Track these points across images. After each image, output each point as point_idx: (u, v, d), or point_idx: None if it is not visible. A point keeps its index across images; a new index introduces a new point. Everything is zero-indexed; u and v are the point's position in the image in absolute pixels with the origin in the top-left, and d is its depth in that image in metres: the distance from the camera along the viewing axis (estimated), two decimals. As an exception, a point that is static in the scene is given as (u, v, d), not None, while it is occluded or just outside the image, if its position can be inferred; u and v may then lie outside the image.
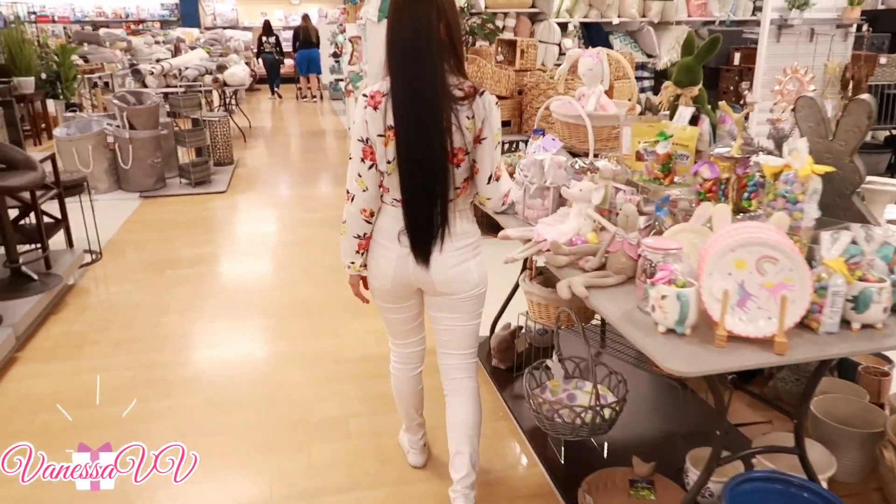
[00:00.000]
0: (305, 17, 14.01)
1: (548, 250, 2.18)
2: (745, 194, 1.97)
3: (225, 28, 16.30)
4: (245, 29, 17.23)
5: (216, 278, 4.42)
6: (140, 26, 17.33)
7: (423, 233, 1.88)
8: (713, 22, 7.59)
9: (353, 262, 2.06)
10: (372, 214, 1.96)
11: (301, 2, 18.29)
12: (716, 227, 1.70)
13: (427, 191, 1.82)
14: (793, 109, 2.03)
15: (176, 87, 8.58)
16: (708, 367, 1.48)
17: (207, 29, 16.42)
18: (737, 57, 5.76)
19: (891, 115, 4.98)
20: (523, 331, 3.15)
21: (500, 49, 5.45)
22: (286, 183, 7.17)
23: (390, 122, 1.79)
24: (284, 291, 4.18)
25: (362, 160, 1.87)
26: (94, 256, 4.68)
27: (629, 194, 2.26)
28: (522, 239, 2.34)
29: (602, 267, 2.02)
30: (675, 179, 2.14)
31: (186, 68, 8.87)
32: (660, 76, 7.30)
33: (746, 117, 2.24)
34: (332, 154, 8.81)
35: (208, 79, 8.94)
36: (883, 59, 4.94)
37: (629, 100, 2.73)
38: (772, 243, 1.52)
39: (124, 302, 4.02)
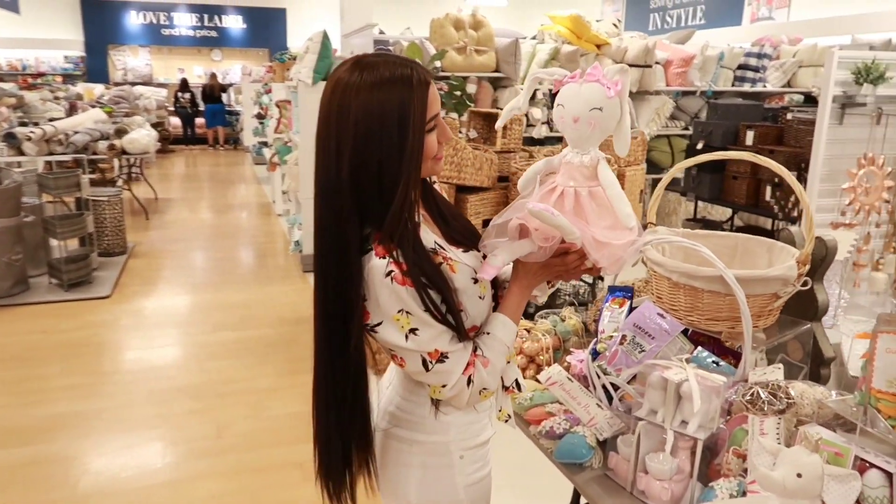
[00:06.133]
0: (212, 76, 15.19)
1: None
2: None
3: (136, 84, 14.73)
4: (160, 86, 15.71)
5: (70, 472, 2.90)
6: (38, 80, 15.51)
7: None
8: (694, 93, 6.79)
9: None
10: None
11: (223, 58, 16.97)
12: None
13: None
14: None
15: (60, 154, 7.05)
16: None
17: (116, 84, 14.80)
18: (749, 136, 4.83)
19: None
20: None
21: (472, 124, 4.30)
22: (193, 281, 5.68)
23: None
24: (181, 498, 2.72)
25: None
26: None
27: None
28: None
29: None
30: None
31: (75, 132, 7.33)
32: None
33: None
34: (255, 236, 7.37)
35: (103, 145, 7.43)
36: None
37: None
38: None
39: None
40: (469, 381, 1.18)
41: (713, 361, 1.46)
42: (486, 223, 3.83)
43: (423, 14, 6.27)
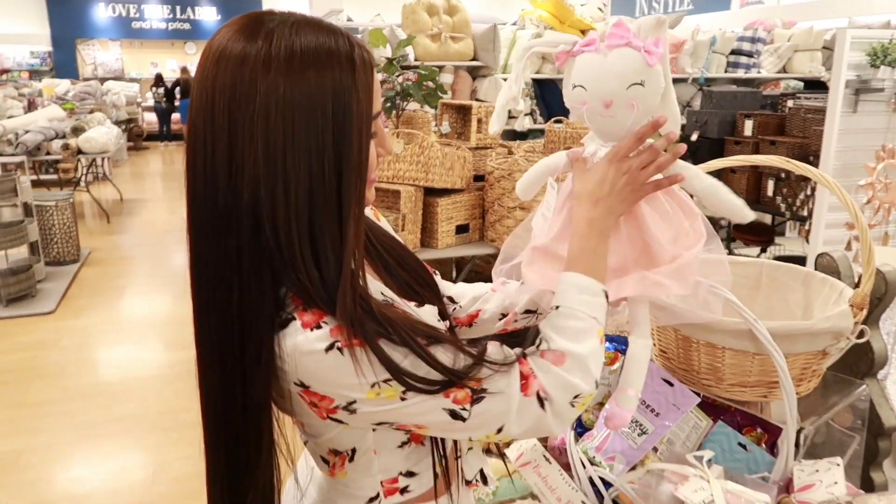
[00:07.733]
0: (184, 70, 14.59)
1: None
2: None
3: (106, 79, 14.18)
4: (132, 80, 15.16)
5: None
6: (3, 76, 14.93)
7: None
8: (685, 80, 6.40)
9: None
10: None
11: (198, 51, 16.42)
12: None
13: None
14: None
15: (10, 155, 6.62)
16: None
17: (85, 80, 14.23)
18: (747, 126, 4.45)
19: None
20: None
21: (443, 116, 3.89)
22: (153, 290, 5.24)
23: None
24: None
25: None
26: None
27: None
28: None
29: None
30: None
31: (26, 132, 6.86)
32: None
33: None
34: (222, 239, 6.91)
35: (57, 144, 6.96)
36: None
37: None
38: None
39: None
40: (541, 401, 0.75)
41: (740, 444, 1.07)
42: (459, 229, 3.42)
43: (393, 0, 5.84)
